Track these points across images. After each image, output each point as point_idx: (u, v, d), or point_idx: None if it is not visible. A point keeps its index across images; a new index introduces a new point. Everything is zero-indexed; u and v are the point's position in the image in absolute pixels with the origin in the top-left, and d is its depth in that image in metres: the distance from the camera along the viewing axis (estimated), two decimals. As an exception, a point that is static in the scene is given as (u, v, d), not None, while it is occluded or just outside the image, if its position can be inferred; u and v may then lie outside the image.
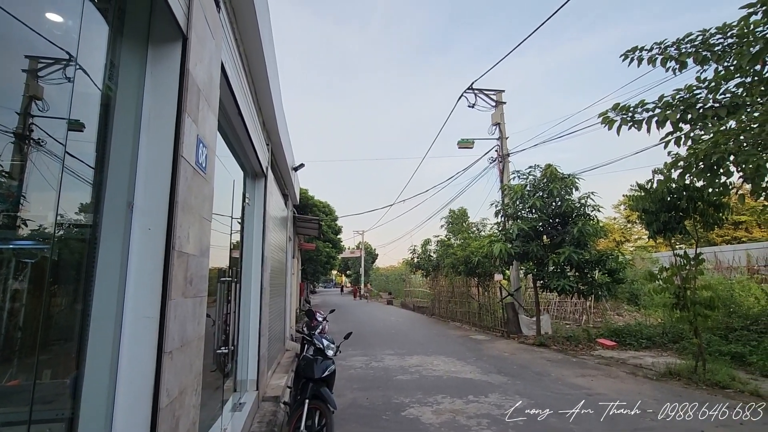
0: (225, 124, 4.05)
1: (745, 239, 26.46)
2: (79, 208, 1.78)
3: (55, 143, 1.53)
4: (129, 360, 1.74)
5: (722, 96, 5.39)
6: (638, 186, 7.78)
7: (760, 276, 14.88)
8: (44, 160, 1.53)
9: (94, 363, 1.72)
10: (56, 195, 1.55)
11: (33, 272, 1.55)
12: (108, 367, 1.74)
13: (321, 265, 24.65)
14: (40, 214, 1.61)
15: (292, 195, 10.71)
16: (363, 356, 9.61)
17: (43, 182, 1.54)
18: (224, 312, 4.21)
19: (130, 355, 1.75)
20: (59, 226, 1.62)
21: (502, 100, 15.07)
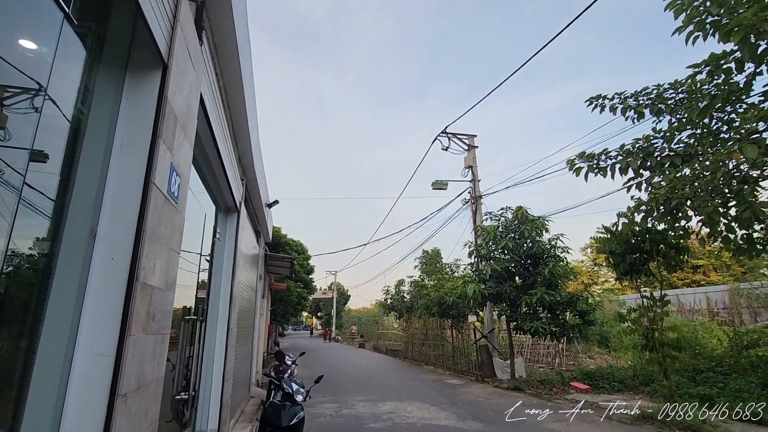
0: (200, 156, 3.99)
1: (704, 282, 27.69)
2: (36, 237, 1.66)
3: (13, 173, 1.44)
4: (77, 404, 1.56)
5: (677, 145, 5.81)
6: (604, 228, 8.08)
7: (720, 318, 15.46)
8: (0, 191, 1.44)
9: (35, 409, 1.53)
10: (9, 224, 1.44)
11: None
12: (51, 414, 1.55)
13: (292, 306, 23.84)
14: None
15: (265, 232, 10.50)
16: (333, 402, 9.12)
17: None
18: (187, 354, 3.94)
19: (78, 398, 1.57)
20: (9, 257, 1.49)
21: (475, 144, 15.68)
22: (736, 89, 5.23)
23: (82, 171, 1.78)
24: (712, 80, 5.41)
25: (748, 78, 5.11)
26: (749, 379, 8.30)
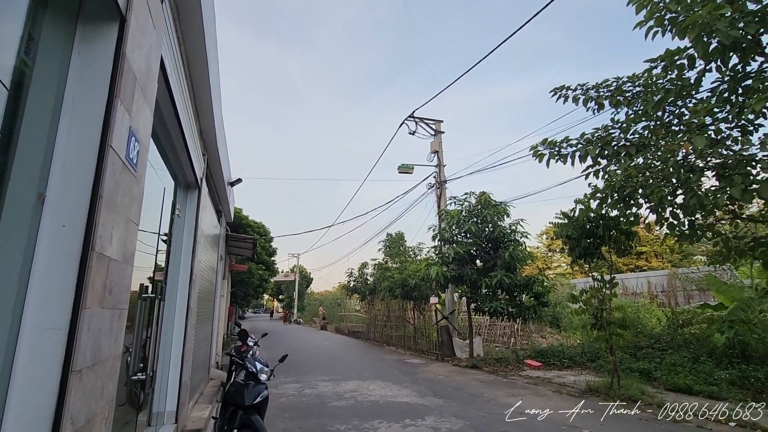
0: (159, 127, 3.75)
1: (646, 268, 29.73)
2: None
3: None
4: (25, 379, 1.44)
5: (632, 136, 6.10)
6: (562, 214, 8.44)
7: (659, 300, 16.72)
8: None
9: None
10: None
11: None
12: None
13: (253, 288, 23.38)
14: None
15: (227, 211, 10.15)
16: (295, 383, 9.12)
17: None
18: (144, 333, 3.77)
19: (26, 373, 1.45)
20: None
21: (441, 130, 15.79)
22: (688, 84, 5.54)
23: (27, 128, 1.61)
24: (667, 75, 5.70)
25: (699, 74, 5.42)
26: (682, 354, 9.07)
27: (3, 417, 1.40)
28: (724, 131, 5.30)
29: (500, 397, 7.66)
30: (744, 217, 5.91)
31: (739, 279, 10.72)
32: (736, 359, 8.29)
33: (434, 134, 15.71)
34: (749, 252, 5.62)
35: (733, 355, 8.41)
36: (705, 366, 8.31)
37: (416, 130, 15.52)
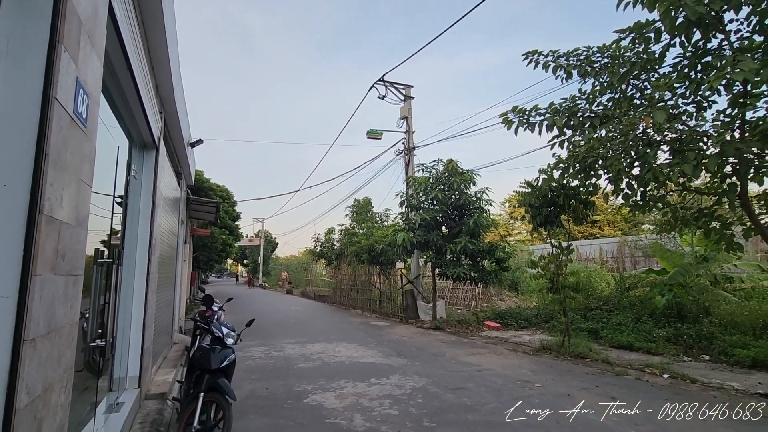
0: (110, 80, 3.45)
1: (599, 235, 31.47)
2: None
3: None
4: (-29, 351, 1.35)
5: (597, 107, 6.25)
6: (527, 183, 8.67)
7: (609, 266, 17.88)
8: None
9: None
10: None
11: None
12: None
13: (216, 253, 22.90)
14: None
15: (187, 174, 9.70)
16: (262, 346, 9.19)
17: None
18: (101, 299, 3.62)
19: (-28, 344, 1.36)
20: None
21: (411, 95, 15.55)
22: (653, 59, 5.68)
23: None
24: (634, 48, 5.81)
25: (664, 48, 5.55)
26: (627, 314, 9.83)
27: (-52, 389, 1.32)
28: (681, 107, 5.53)
29: (461, 356, 8.07)
30: (692, 189, 6.30)
31: (681, 247, 11.58)
32: (673, 319, 9.08)
33: (404, 99, 15.46)
34: (694, 222, 6.03)
35: (671, 315, 9.20)
36: (645, 325, 9.06)
37: (386, 95, 15.20)
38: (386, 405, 5.14)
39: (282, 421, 4.65)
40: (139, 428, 4.12)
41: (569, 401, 5.26)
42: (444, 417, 4.71)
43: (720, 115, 5.26)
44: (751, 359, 6.78)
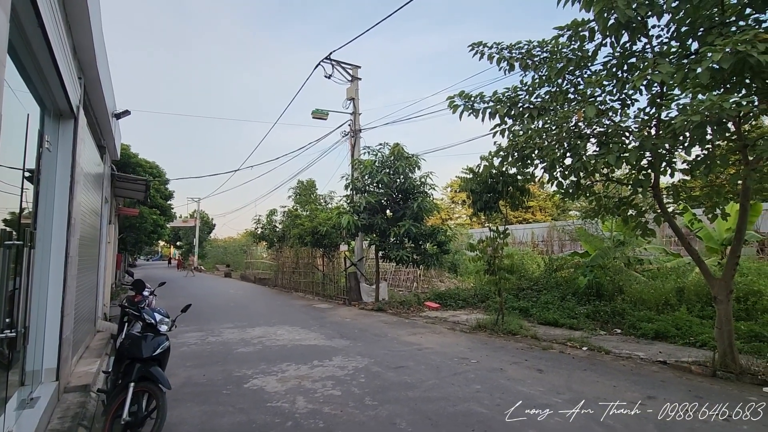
0: (18, 39, 3.01)
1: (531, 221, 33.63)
2: None
3: None
4: None
5: (536, 99, 6.57)
6: (468, 169, 8.97)
7: (539, 249, 19.22)
8: None
9: None
10: None
11: None
12: None
13: (146, 234, 21.37)
14: None
15: (111, 148, 8.86)
16: (198, 332, 8.81)
17: None
18: (10, 285, 3.23)
19: None
20: None
21: (358, 76, 15.31)
22: (586, 56, 6.05)
23: None
24: (570, 44, 6.14)
25: (596, 47, 5.93)
26: (553, 294, 10.67)
27: None
28: (609, 103, 5.98)
29: (402, 336, 8.32)
30: (613, 180, 6.89)
31: (602, 232, 12.71)
32: (593, 297, 10.02)
33: (351, 80, 15.20)
34: (615, 209, 6.62)
35: (591, 294, 10.13)
36: (569, 303, 9.91)
37: (333, 74, 14.84)
38: (329, 386, 5.18)
39: (221, 407, 4.52)
40: (58, 423, 3.79)
41: (501, 375, 5.64)
42: (385, 395, 4.85)
43: (641, 112, 5.76)
44: (654, 331, 7.69)
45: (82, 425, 3.83)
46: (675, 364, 6.02)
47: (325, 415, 4.26)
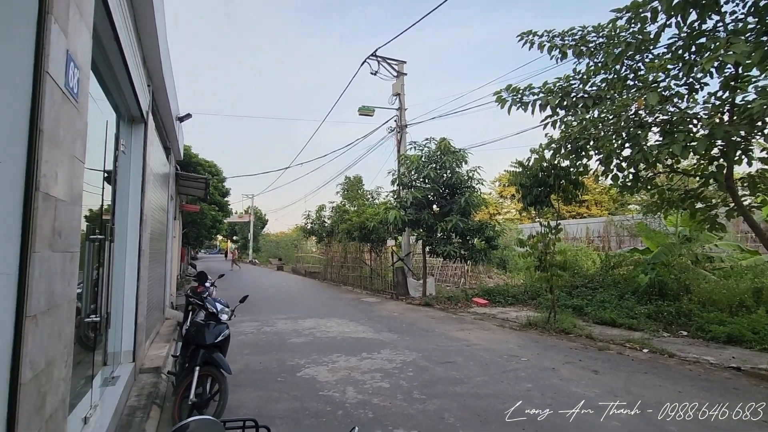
0: (97, 52, 3.33)
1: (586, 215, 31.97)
2: None
3: None
4: (-25, 327, 1.37)
5: (591, 88, 6.25)
6: (518, 163, 8.71)
7: (595, 245, 18.26)
8: None
9: None
10: None
11: None
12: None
13: (206, 229, 22.74)
14: None
15: (176, 149, 9.53)
16: (254, 322, 9.30)
17: None
18: (94, 275, 3.61)
19: (-25, 321, 1.37)
20: None
21: (404, 71, 15.29)
22: (648, 39, 5.66)
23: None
24: (630, 27, 5.77)
25: (659, 29, 5.53)
26: (610, 292, 10.12)
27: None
28: (674, 88, 5.56)
29: (450, 332, 8.28)
30: (679, 171, 6.41)
31: (665, 227, 11.85)
32: (655, 297, 9.39)
33: (396, 76, 15.22)
34: (680, 203, 6.16)
35: (652, 293, 9.50)
36: (628, 302, 9.36)
37: (378, 70, 14.93)
38: (377, 378, 5.29)
39: (276, 393, 4.77)
40: (135, 400, 4.20)
41: (554, 374, 5.47)
42: (434, 390, 4.88)
43: (711, 97, 5.30)
44: (726, 335, 7.08)
45: (155, 403, 4.21)
46: (751, 371, 5.52)
47: (374, 406, 4.37)
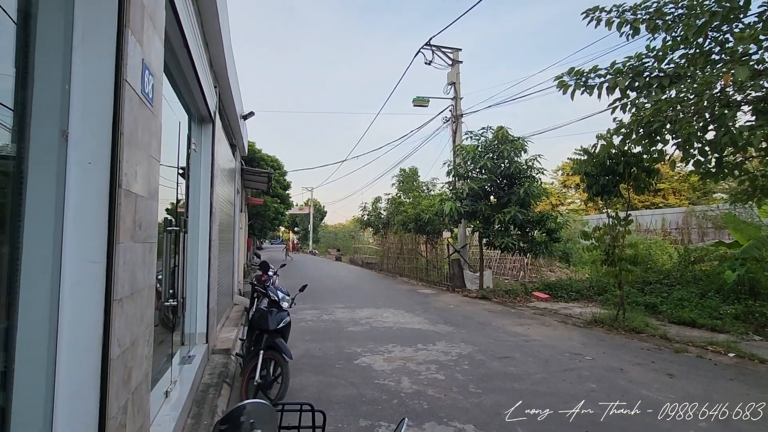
0: (169, 58, 3.62)
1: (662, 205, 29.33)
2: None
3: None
4: (73, 308, 1.56)
5: (667, 66, 5.68)
6: (582, 150, 8.19)
7: (672, 237, 16.72)
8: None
9: (28, 313, 1.52)
10: None
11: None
12: (47, 316, 1.55)
13: (269, 221, 24.02)
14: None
15: (241, 145, 10.11)
16: (313, 309, 9.69)
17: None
18: (171, 263, 3.97)
19: (73, 303, 1.57)
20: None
21: (459, 59, 14.92)
22: (736, 6, 5.02)
23: (41, 63, 1.57)
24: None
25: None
26: (690, 289, 9.24)
27: (58, 339, 1.54)
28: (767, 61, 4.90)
29: (508, 326, 8.06)
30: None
31: (758, 218, 10.55)
32: (744, 295, 8.42)
33: (451, 64, 14.88)
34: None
35: (741, 292, 8.53)
36: (711, 301, 8.49)
37: (433, 60, 14.70)
38: (432, 370, 5.30)
39: (334, 379, 4.95)
40: (209, 378, 4.58)
41: (621, 375, 5.14)
42: (490, 384, 4.79)
43: (817, 69, 4.61)
44: (835, 341, 6.19)
45: (226, 382, 4.56)
46: None
47: (429, 397, 4.39)
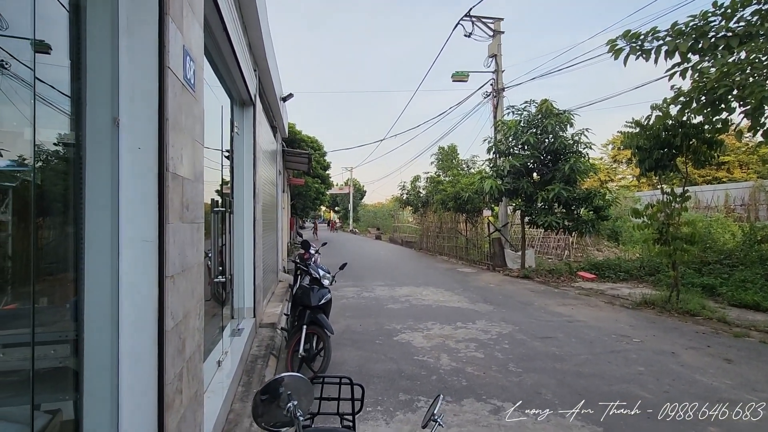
0: (210, 43, 3.71)
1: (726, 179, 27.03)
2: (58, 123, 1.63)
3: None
4: (130, 284, 1.69)
5: (736, 24, 5.13)
6: (634, 122, 7.65)
7: (736, 214, 15.44)
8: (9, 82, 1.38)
9: (93, 287, 1.67)
10: (30, 118, 1.40)
11: (15, 196, 1.45)
12: (109, 291, 1.69)
13: (310, 201, 24.59)
14: (13, 130, 1.47)
15: (281, 127, 10.31)
16: (354, 287, 9.91)
17: (12, 99, 1.39)
18: (219, 242, 4.18)
19: (130, 279, 1.69)
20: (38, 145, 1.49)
21: (500, 30, 14.23)
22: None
23: (91, 56, 1.66)
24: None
25: None
26: (755, 270, 8.55)
27: (119, 312, 1.68)
28: None
29: (550, 306, 7.87)
30: None
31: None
32: (819, 277, 7.70)
33: (492, 35, 14.22)
34: None
35: (816, 273, 7.81)
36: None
37: (473, 32, 14.11)
38: (472, 348, 5.31)
39: (375, 354, 5.09)
40: (256, 350, 4.85)
41: (673, 359, 4.90)
42: (531, 364, 4.74)
43: None
44: None
45: (272, 354, 4.81)
46: None
47: (467, 375, 4.41)
